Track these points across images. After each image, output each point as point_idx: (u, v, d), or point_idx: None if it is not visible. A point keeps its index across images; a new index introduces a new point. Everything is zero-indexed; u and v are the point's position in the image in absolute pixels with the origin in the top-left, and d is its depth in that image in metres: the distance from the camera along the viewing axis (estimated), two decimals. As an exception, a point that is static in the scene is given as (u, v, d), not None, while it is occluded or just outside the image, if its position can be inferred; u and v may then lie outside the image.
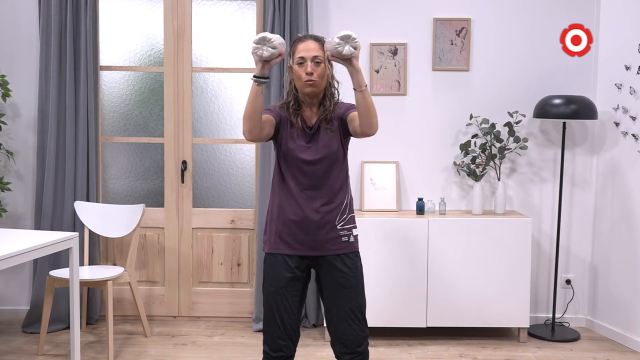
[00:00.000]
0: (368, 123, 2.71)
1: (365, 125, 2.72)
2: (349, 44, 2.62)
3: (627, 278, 4.45)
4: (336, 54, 2.64)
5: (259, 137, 2.78)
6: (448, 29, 4.65)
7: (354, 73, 2.67)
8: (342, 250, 2.87)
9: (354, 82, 2.69)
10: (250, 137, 2.77)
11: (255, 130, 2.74)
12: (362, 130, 2.74)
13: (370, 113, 2.69)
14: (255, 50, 2.64)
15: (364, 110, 2.69)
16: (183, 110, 4.78)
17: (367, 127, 2.72)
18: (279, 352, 2.87)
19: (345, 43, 2.62)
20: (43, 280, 4.41)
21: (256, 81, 2.69)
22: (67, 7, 4.52)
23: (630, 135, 4.41)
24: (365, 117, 2.70)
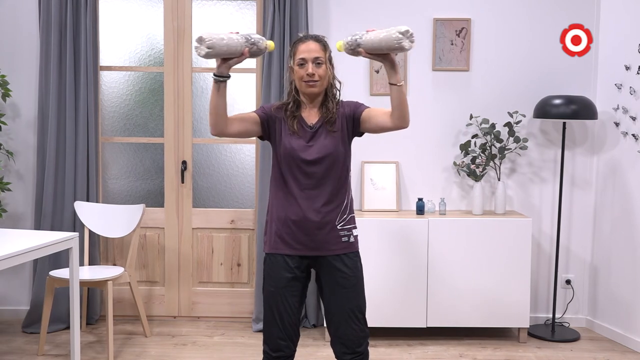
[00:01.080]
0: (404, 117, 2.75)
1: (401, 118, 2.75)
2: (408, 38, 2.61)
3: (627, 278, 4.45)
4: (395, 48, 2.61)
5: (223, 132, 2.80)
6: (448, 29, 4.66)
7: (394, 68, 2.70)
8: (342, 250, 2.86)
9: (393, 78, 2.70)
10: (214, 131, 2.81)
11: (219, 125, 2.78)
12: (395, 124, 2.77)
13: (406, 106, 2.74)
14: (195, 49, 2.65)
15: (399, 104, 2.73)
16: (183, 111, 4.78)
17: (402, 120, 2.76)
18: (279, 352, 2.87)
19: (405, 37, 2.60)
20: (43, 280, 4.41)
21: (214, 79, 2.72)
22: (67, 7, 4.52)
23: (630, 136, 4.41)
24: (400, 110, 2.74)
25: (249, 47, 2.67)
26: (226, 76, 2.72)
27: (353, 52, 2.72)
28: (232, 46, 2.63)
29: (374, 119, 2.84)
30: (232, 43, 2.63)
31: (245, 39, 2.67)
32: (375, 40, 2.63)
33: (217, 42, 2.60)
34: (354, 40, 2.69)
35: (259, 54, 2.76)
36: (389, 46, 2.61)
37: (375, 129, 2.87)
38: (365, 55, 2.68)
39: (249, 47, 2.67)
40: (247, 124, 2.86)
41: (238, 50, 2.65)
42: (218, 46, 2.60)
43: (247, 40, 2.67)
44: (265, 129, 2.88)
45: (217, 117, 2.77)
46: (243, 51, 2.66)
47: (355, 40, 2.69)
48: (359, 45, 2.67)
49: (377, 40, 2.63)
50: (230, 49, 2.64)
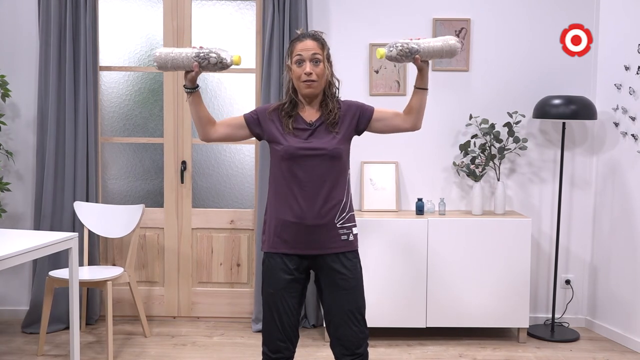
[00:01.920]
0: (419, 119, 2.91)
1: (417, 121, 2.90)
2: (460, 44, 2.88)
3: (626, 278, 4.46)
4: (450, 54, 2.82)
5: (209, 138, 2.92)
6: (448, 29, 4.65)
7: (426, 74, 2.85)
8: (341, 248, 2.85)
9: (422, 82, 2.86)
10: (200, 137, 2.93)
11: (203, 132, 2.89)
12: (411, 125, 2.91)
13: (424, 110, 2.90)
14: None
15: (420, 107, 2.88)
16: (183, 111, 4.77)
17: (418, 122, 2.91)
18: (278, 354, 2.87)
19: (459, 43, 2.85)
20: (43, 280, 4.41)
21: (185, 90, 2.83)
22: (67, 8, 4.52)
23: (630, 136, 4.41)
24: (419, 114, 2.89)
25: (199, 62, 2.74)
26: (192, 88, 2.81)
27: (405, 59, 2.80)
28: (180, 60, 2.76)
29: (387, 120, 2.92)
30: (179, 58, 2.76)
31: (195, 54, 2.75)
32: (436, 48, 2.80)
33: (165, 57, 2.76)
34: (409, 47, 2.77)
35: (216, 69, 2.79)
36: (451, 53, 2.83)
37: (387, 130, 2.96)
38: (417, 62, 2.79)
39: (199, 61, 2.74)
40: (232, 129, 2.92)
41: (186, 64, 2.75)
42: (163, 61, 2.76)
43: (197, 56, 2.74)
44: (254, 131, 2.90)
45: (199, 125, 2.89)
46: (192, 65, 2.74)
47: (412, 47, 2.78)
48: (417, 52, 2.78)
49: (438, 49, 2.80)
50: (177, 64, 2.76)
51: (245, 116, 2.92)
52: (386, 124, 2.92)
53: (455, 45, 2.81)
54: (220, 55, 2.75)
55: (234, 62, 2.78)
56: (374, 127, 2.93)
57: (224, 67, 2.78)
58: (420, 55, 2.78)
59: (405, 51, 2.77)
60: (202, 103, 2.87)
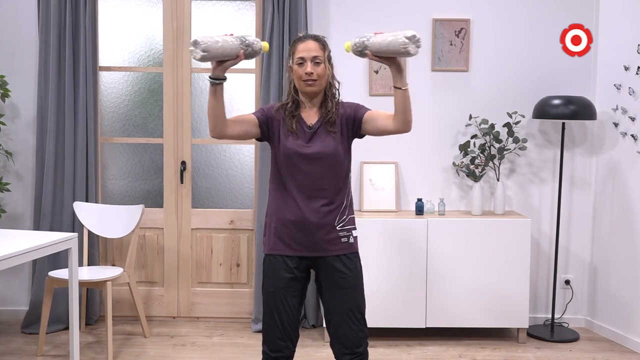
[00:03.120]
0: (407, 120, 2.75)
1: (404, 122, 2.76)
2: (414, 43, 2.59)
3: (626, 278, 4.46)
4: (400, 53, 2.60)
5: (223, 135, 2.80)
6: (447, 29, 4.66)
7: (400, 72, 2.68)
8: (341, 251, 2.86)
9: (398, 81, 2.69)
10: (212, 134, 2.79)
11: (218, 128, 2.78)
12: (397, 127, 2.78)
13: (409, 111, 2.74)
14: (190, 53, 2.64)
15: (403, 108, 2.73)
16: (182, 111, 4.77)
17: (405, 124, 2.76)
18: (278, 353, 2.87)
19: (411, 42, 2.58)
20: (42, 280, 4.41)
21: (210, 82, 2.72)
22: (67, 8, 4.51)
23: (630, 136, 4.41)
24: (404, 114, 2.74)
25: (244, 49, 2.68)
26: (222, 79, 2.72)
27: (360, 54, 2.71)
28: (227, 49, 2.64)
29: (375, 121, 2.84)
30: (226, 45, 2.63)
31: (240, 41, 2.67)
32: (383, 43, 2.62)
33: (212, 45, 2.60)
34: (362, 42, 2.68)
35: (254, 56, 2.75)
36: (395, 50, 2.61)
37: (376, 132, 2.87)
38: (372, 57, 2.67)
39: (244, 49, 2.67)
40: (246, 126, 2.86)
41: (233, 52, 2.66)
42: (213, 49, 2.60)
43: (242, 42, 2.67)
44: (264, 130, 2.87)
45: (216, 120, 2.77)
46: (238, 53, 2.67)
47: (363, 42, 2.68)
48: (366, 48, 2.66)
49: (385, 44, 2.62)
50: (225, 52, 2.64)
51: (256, 115, 2.88)
52: (374, 125, 2.84)
53: (403, 41, 2.56)
54: (255, 45, 2.71)
55: (263, 49, 2.76)
56: (365, 129, 2.87)
57: (255, 55, 2.74)
58: (370, 52, 2.67)
59: (358, 46, 2.69)
60: (223, 96, 2.78)
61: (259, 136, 2.90)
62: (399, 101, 2.72)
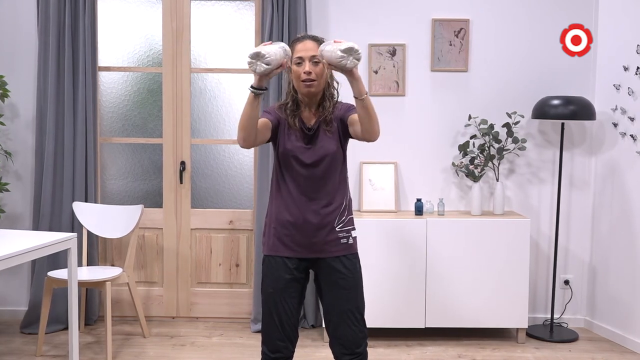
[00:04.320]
0: (369, 130, 2.68)
1: (367, 132, 2.69)
2: (352, 56, 2.54)
3: (625, 279, 4.46)
4: (340, 66, 2.56)
5: (254, 144, 2.77)
6: (447, 29, 4.66)
7: (354, 82, 2.61)
8: (341, 252, 2.86)
9: (354, 91, 2.63)
10: (244, 145, 2.75)
11: (250, 138, 2.72)
12: (363, 136, 2.73)
13: (372, 120, 2.66)
14: (250, 65, 2.58)
15: (365, 118, 2.66)
16: (182, 111, 4.77)
17: (368, 134, 2.70)
18: (277, 354, 2.87)
19: (348, 56, 2.54)
20: (41, 280, 4.41)
21: (253, 92, 2.65)
22: (66, 8, 4.51)
23: (629, 136, 4.42)
24: (366, 124, 2.67)
25: (287, 59, 2.67)
26: (265, 88, 2.68)
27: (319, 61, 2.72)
28: (279, 59, 2.61)
29: (351, 125, 2.81)
30: (278, 56, 2.60)
31: (283, 50, 2.63)
32: (326, 54, 2.61)
33: (274, 57, 2.56)
34: (319, 50, 2.69)
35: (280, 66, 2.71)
36: (334, 63, 2.56)
37: (354, 136, 2.83)
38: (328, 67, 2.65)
39: (286, 58, 2.66)
40: (267, 131, 2.82)
41: (280, 62, 2.63)
42: (275, 61, 2.57)
43: (285, 51, 2.64)
44: (274, 132, 2.86)
45: (250, 130, 2.70)
46: (283, 63, 2.64)
47: (320, 51, 2.68)
48: (321, 57, 2.67)
49: (327, 55, 2.60)
50: (278, 63, 2.61)
51: (269, 119, 2.83)
52: (352, 129, 2.81)
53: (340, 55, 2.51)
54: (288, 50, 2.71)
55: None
56: (350, 131, 2.84)
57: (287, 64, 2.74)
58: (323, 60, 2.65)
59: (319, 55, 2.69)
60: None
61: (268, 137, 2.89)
62: (360, 111, 2.66)
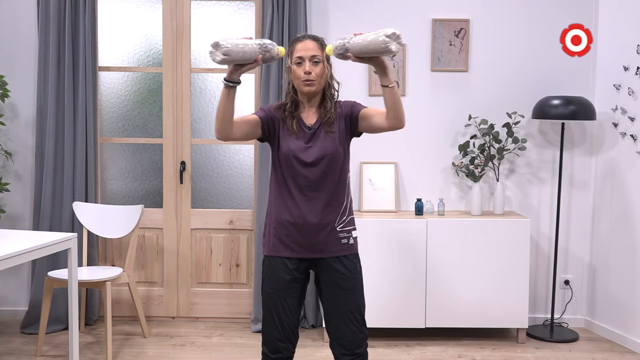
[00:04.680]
0: (398, 117, 2.72)
1: (395, 119, 2.72)
2: (395, 41, 2.54)
3: (625, 279, 4.46)
4: (384, 51, 2.56)
5: (229, 137, 2.78)
6: (447, 29, 4.66)
7: (385, 70, 2.65)
8: (341, 252, 2.85)
9: (385, 80, 2.66)
10: (218, 136, 2.77)
11: (223, 130, 2.75)
12: (390, 124, 2.75)
13: (400, 107, 2.71)
14: (209, 54, 2.60)
15: (393, 105, 2.70)
16: (182, 111, 4.77)
17: (397, 120, 2.73)
18: (277, 354, 2.87)
19: (392, 40, 2.54)
20: (42, 281, 4.41)
21: (225, 84, 2.68)
22: (66, 8, 4.51)
23: (629, 136, 4.42)
24: (395, 111, 2.71)
25: (262, 54, 2.65)
26: (237, 82, 2.69)
27: (342, 57, 2.68)
28: (247, 52, 2.60)
29: (370, 119, 2.83)
30: (247, 49, 2.59)
31: (259, 45, 2.63)
32: (363, 44, 2.58)
33: (233, 49, 2.56)
34: (342, 44, 2.65)
35: (270, 61, 2.73)
36: (377, 50, 2.55)
37: (371, 129, 2.85)
38: (354, 59, 2.65)
39: (262, 53, 2.64)
40: (250, 126, 2.84)
41: (252, 57, 2.62)
42: (234, 52, 2.57)
43: (261, 47, 2.64)
44: (265, 130, 2.86)
45: (224, 122, 2.74)
46: (257, 58, 2.64)
47: (343, 44, 2.64)
48: (347, 50, 2.63)
49: (365, 44, 2.58)
50: (245, 55, 2.60)
51: (258, 115, 2.86)
52: (369, 123, 2.83)
53: (384, 40, 2.52)
54: (273, 51, 2.68)
55: (279, 54, 2.73)
56: (361, 126, 2.86)
57: (271, 60, 2.72)
58: (352, 53, 2.63)
59: (339, 49, 2.65)
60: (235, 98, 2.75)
61: (260, 136, 2.89)
62: (389, 99, 2.70)
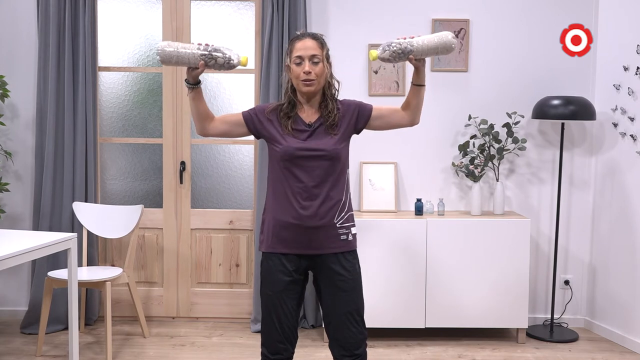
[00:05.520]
0: (417, 115, 2.91)
1: (415, 117, 2.91)
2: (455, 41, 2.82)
3: (625, 279, 4.46)
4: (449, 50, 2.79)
5: (206, 134, 2.93)
6: (447, 29, 4.65)
7: (422, 69, 2.82)
8: (340, 248, 2.84)
9: (419, 78, 2.84)
10: (197, 132, 2.94)
11: (199, 127, 2.90)
12: (411, 121, 2.92)
13: (422, 106, 2.91)
14: None
15: (417, 104, 2.88)
16: (182, 111, 4.77)
17: (415, 118, 2.92)
18: (277, 355, 2.86)
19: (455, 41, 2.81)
20: (42, 281, 4.41)
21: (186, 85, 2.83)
22: (66, 8, 4.51)
23: (629, 136, 4.42)
24: (417, 110, 2.89)
25: (206, 61, 2.73)
26: (193, 83, 2.80)
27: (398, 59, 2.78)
28: (186, 58, 2.73)
29: (387, 118, 2.92)
30: (184, 55, 2.73)
31: (203, 52, 2.72)
32: (430, 45, 2.76)
33: (168, 53, 2.73)
34: (403, 47, 2.74)
35: (226, 68, 2.78)
36: (446, 48, 2.78)
37: (386, 127, 2.95)
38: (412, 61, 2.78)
39: (206, 60, 2.73)
40: (230, 126, 2.92)
41: (193, 62, 2.74)
42: (169, 56, 2.73)
43: (206, 55, 2.72)
44: (251, 129, 2.90)
45: (197, 120, 2.90)
46: (198, 64, 2.73)
47: (405, 47, 2.75)
48: (410, 52, 2.75)
49: (433, 46, 2.77)
50: (184, 60, 2.74)
51: (243, 114, 2.91)
52: (386, 121, 2.92)
53: (451, 41, 2.77)
54: (226, 55, 2.74)
55: (241, 63, 2.77)
56: (373, 125, 2.92)
57: (230, 67, 2.77)
58: (414, 55, 2.76)
59: (399, 52, 2.75)
60: (203, 98, 2.87)
61: (248, 134, 2.93)
62: (415, 97, 2.86)
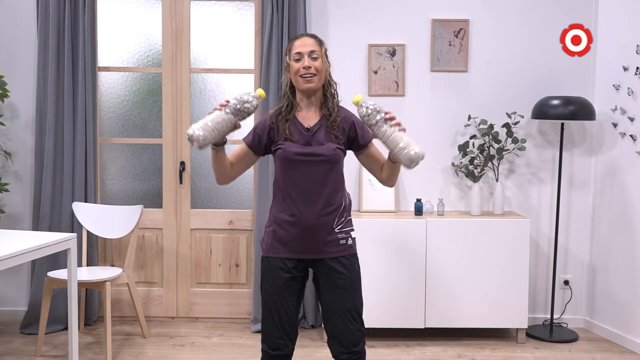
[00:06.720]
0: (393, 182, 2.91)
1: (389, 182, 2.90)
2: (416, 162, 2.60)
3: (625, 279, 4.46)
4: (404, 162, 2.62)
5: (231, 181, 2.92)
6: (446, 30, 4.66)
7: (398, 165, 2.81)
8: (340, 253, 2.85)
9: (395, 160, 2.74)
10: (219, 183, 2.91)
11: (223, 180, 2.88)
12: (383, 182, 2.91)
13: (397, 177, 2.89)
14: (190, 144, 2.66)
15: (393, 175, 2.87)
16: (181, 111, 4.77)
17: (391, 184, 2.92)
18: (277, 351, 2.87)
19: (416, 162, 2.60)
20: (41, 281, 4.41)
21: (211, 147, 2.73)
22: (65, 8, 4.51)
23: (629, 136, 4.42)
24: (393, 179, 2.88)
25: (239, 118, 2.65)
26: (222, 143, 2.74)
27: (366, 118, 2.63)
28: (222, 126, 2.62)
29: (370, 162, 2.90)
30: (220, 126, 2.62)
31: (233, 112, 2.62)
32: (393, 141, 2.60)
33: (208, 136, 2.59)
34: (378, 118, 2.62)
35: (253, 111, 2.69)
36: (399, 156, 2.61)
37: (366, 167, 2.96)
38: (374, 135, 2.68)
39: (239, 118, 2.65)
40: (246, 162, 2.91)
41: (230, 125, 2.65)
42: (210, 138, 2.61)
43: (235, 113, 2.63)
44: (261, 152, 2.90)
45: (221, 175, 2.87)
46: (235, 125, 2.67)
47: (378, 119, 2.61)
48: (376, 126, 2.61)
49: (394, 143, 2.60)
50: (223, 130, 2.63)
51: (247, 143, 2.88)
52: (368, 164, 2.92)
53: (410, 158, 2.57)
54: (248, 100, 2.64)
55: (260, 97, 2.69)
56: (360, 156, 2.92)
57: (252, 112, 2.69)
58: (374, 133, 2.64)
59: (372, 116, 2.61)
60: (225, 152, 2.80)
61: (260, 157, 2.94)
62: (395, 171, 2.83)
